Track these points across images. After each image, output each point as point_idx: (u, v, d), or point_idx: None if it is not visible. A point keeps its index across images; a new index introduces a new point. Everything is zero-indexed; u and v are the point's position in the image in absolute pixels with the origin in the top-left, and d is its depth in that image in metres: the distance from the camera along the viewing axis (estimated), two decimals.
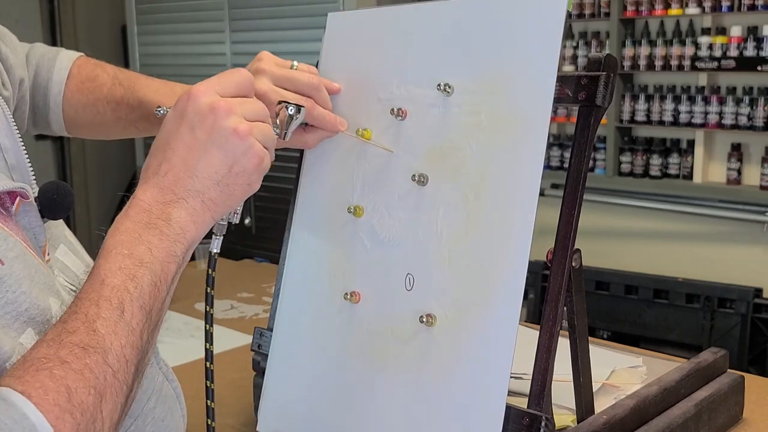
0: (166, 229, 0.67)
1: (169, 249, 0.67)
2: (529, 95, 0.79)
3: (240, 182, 0.71)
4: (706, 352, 1.06)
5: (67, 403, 0.55)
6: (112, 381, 0.59)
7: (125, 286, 0.63)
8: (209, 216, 0.70)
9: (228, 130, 0.69)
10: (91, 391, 0.57)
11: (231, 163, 0.70)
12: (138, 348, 0.62)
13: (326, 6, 3.10)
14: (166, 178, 0.69)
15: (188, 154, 0.69)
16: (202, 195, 0.69)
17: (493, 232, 0.79)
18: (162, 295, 0.66)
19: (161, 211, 0.68)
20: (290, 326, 0.95)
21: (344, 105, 0.94)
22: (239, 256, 2.24)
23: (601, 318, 3.07)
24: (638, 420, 0.89)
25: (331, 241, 0.93)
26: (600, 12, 3.27)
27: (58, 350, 0.57)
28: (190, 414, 1.13)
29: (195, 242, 0.70)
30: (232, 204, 0.72)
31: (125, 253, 0.64)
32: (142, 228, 0.66)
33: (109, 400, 0.58)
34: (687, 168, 3.19)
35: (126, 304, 0.62)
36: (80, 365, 0.57)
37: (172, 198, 0.68)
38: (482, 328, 0.78)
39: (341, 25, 0.98)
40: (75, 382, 0.56)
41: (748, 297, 2.82)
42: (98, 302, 0.61)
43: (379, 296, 0.87)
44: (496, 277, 0.78)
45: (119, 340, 0.60)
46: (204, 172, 0.69)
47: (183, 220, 0.68)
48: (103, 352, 0.59)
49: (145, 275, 0.64)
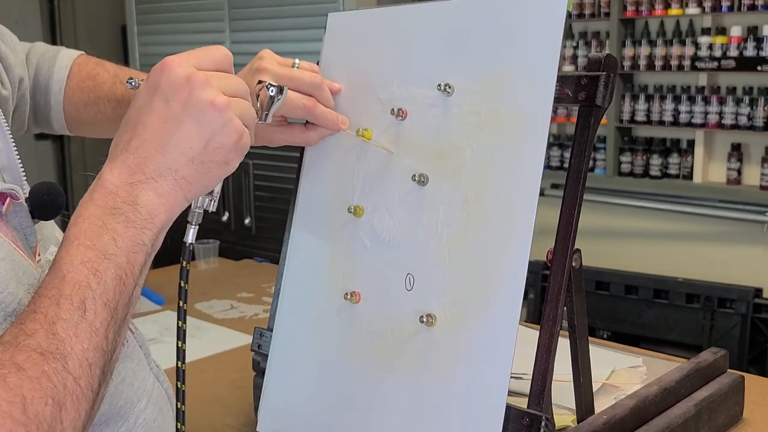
0: (132, 215, 0.62)
1: (136, 238, 0.62)
2: (529, 95, 0.79)
3: (216, 159, 0.66)
4: (706, 352, 1.06)
5: (21, 415, 0.52)
6: (74, 388, 0.56)
7: (87, 283, 0.59)
8: (182, 196, 0.65)
9: (205, 102, 0.64)
10: (49, 401, 0.54)
11: (207, 138, 0.65)
12: (103, 349, 0.59)
13: (326, 6, 3.11)
14: (136, 155, 0.64)
15: (161, 128, 0.64)
16: (174, 173, 0.64)
17: (493, 232, 0.79)
18: (128, 289, 0.62)
19: (128, 193, 0.63)
20: (290, 326, 0.95)
21: (344, 105, 0.94)
22: (239, 256, 2.24)
23: (601, 318, 3.07)
24: (638, 420, 0.89)
25: (332, 241, 0.93)
26: (600, 12, 3.27)
27: (14, 354, 0.54)
28: (190, 414, 1.13)
29: (165, 227, 0.65)
30: (207, 184, 0.67)
31: (88, 245, 0.60)
32: (106, 214, 0.62)
33: (70, 409, 0.55)
34: (687, 168, 3.19)
35: (88, 303, 0.58)
36: (37, 372, 0.54)
37: (140, 178, 0.63)
38: (482, 328, 0.78)
39: (341, 26, 0.98)
40: (31, 391, 0.53)
41: (748, 297, 2.82)
42: (59, 301, 0.58)
43: (379, 296, 0.87)
44: (496, 277, 0.78)
45: (81, 344, 0.57)
46: (177, 148, 0.64)
47: (151, 203, 0.63)
48: (62, 358, 0.55)
49: (109, 269, 0.60)
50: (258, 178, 3.46)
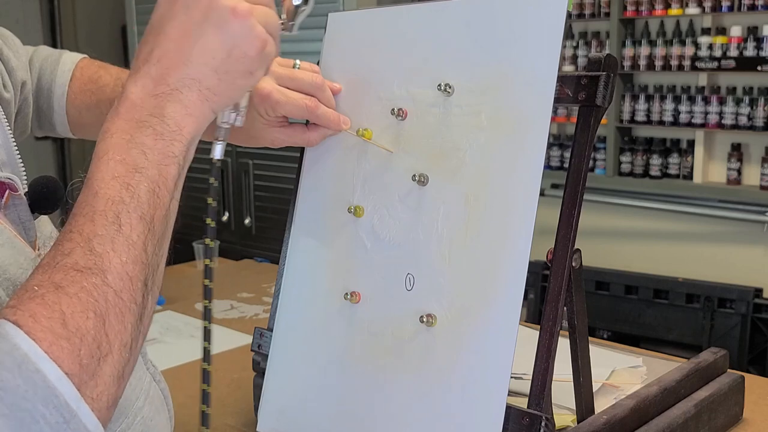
0: (159, 127, 0.61)
1: (166, 150, 0.61)
2: (529, 95, 0.79)
3: (241, 69, 0.64)
4: (706, 352, 1.06)
5: (62, 328, 0.52)
6: (116, 301, 0.55)
7: (120, 197, 0.58)
8: (208, 108, 0.64)
9: (226, 9, 0.62)
10: (90, 315, 0.53)
11: (230, 47, 0.63)
12: (143, 262, 0.58)
13: (326, 6, 3.11)
14: (159, 66, 0.62)
15: (182, 38, 0.62)
16: (198, 83, 0.63)
17: (494, 232, 0.79)
18: (164, 201, 0.60)
19: (154, 105, 0.61)
20: (290, 326, 0.96)
21: (345, 105, 0.94)
22: (239, 256, 2.24)
23: (601, 318, 3.07)
24: (638, 420, 0.89)
25: (332, 241, 0.93)
26: (600, 12, 3.27)
27: (52, 275, 0.54)
28: (190, 414, 1.13)
29: (195, 139, 0.64)
30: (233, 95, 0.66)
31: (117, 159, 0.59)
32: (133, 128, 0.60)
33: (114, 322, 0.54)
34: (687, 168, 3.19)
35: (123, 217, 0.57)
36: (76, 288, 0.53)
37: (165, 89, 0.62)
38: (482, 328, 0.78)
39: (341, 26, 0.98)
40: (70, 306, 0.53)
41: (748, 297, 2.82)
42: (93, 218, 0.57)
43: (380, 296, 0.87)
44: (496, 277, 0.78)
45: (119, 258, 0.56)
46: (200, 57, 0.62)
47: (178, 114, 0.62)
48: (101, 272, 0.55)
49: (141, 182, 0.59)
50: (258, 178, 3.46)
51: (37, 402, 0.49)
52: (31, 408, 0.49)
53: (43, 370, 0.50)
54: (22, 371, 0.49)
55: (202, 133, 0.65)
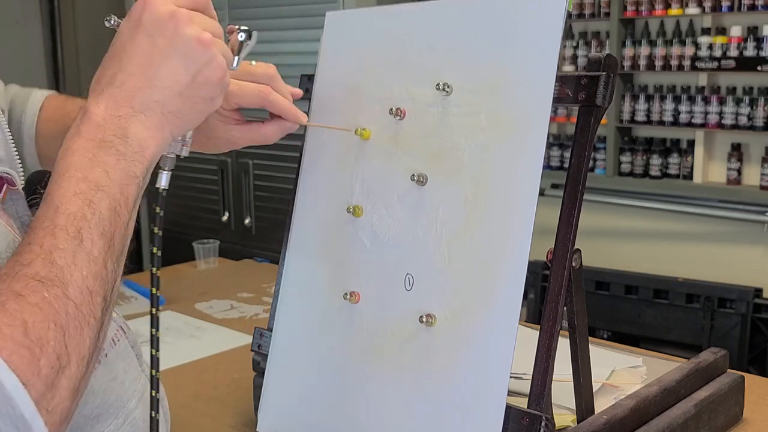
0: (122, 147, 0.62)
1: (128, 170, 0.62)
2: (529, 95, 0.79)
3: (203, 94, 0.67)
4: (706, 352, 1.06)
5: (23, 337, 0.51)
6: (76, 314, 0.55)
7: (82, 213, 0.58)
8: (169, 132, 0.66)
9: (191, 38, 0.65)
10: (51, 326, 0.52)
11: (194, 72, 0.66)
12: (102, 278, 0.58)
13: (326, 6, 3.10)
14: (123, 89, 0.64)
15: (147, 62, 0.64)
16: (162, 107, 0.64)
17: (493, 232, 0.79)
18: (123, 220, 0.61)
19: (117, 126, 0.62)
20: (290, 326, 0.95)
21: (343, 104, 0.94)
22: (239, 256, 2.24)
23: (601, 318, 3.07)
24: (638, 420, 0.89)
25: (331, 241, 0.93)
26: (600, 12, 3.27)
27: (12, 284, 0.53)
28: (190, 414, 1.13)
29: (153, 162, 0.66)
30: (193, 119, 0.68)
31: (79, 177, 0.59)
32: (96, 147, 0.61)
33: (74, 334, 0.54)
34: (687, 168, 3.19)
35: (84, 232, 0.57)
36: (37, 298, 0.53)
37: (128, 112, 0.63)
38: (482, 328, 0.78)
39: (340, 25, 0.98)
40: (32, 316, 0.52)
41: (748, 297, 2.82)
42: (53, 232, 0.57)
43: (379, 296, 0.87)
44: (496, 277, 0.78)
45: (80, 272, 0.56)
46: (165, 81, 0.64)
47: (141, 136, 0.63)
48: (62, 284, 0.54)
49: (102, 200, 0.59)
50: (258, 178, 3.46)
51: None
52: None
53: (1, 380, 0.49)
54: None
55: (158, 157, 0.66)
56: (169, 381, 0.86)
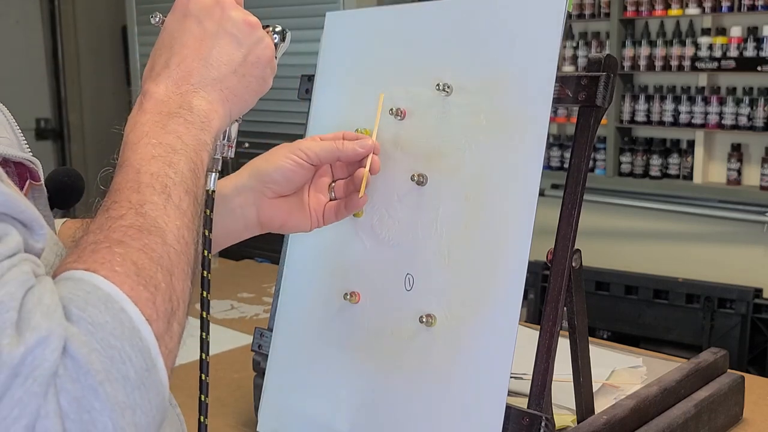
0: (189, 116, 0.62)
1: (198, 137, 0.62)
2: (528, 95, 0.79)
3: (255, 74, 0.69)
4: (706, 353, 1.06)
5: (137, 276, 0.49)
6: (177, 260, 0.53)
7: (165, 172, 0.57)
8: (227, 109, 0.67)
9: (239, 19, 0.68)
10: (159, 269, 0.51)
11: (246, 51, 0.68)
12: (193, 230, 0.57)
13: (326, 6, 3.10)
14: (179, 70, 0.65)
15: (199, 45, 0.66)
16: (219, 83, 0.66)
17: (493, 232, 0.79)
18: (201, 183, 0.61)
19: (181, 100, 0.63)
20: (290, 326, 0.95)
21: (343, 105, 0.94)
22: (239, 256, 2.24)
23: (601, 318, 3.07)
24: (638, 420, 0.89)
25: (331, 242, 0.93)
26: (600, 12, 3.27)
27: (109, 234, 0.51)
28: (190, 414, 1.13)
29: (219, 134, 0.66)
30: (248, 99, 0.69)
31: (154, 143, 0.59)
32: (164, 118, 0.61)
33: (179, 279, 0.53)
34: (687, 168, 3.19)
35: (171, 188, 0.56)
36: (139, 244, 0.51)
37: (188, 88, 0.64)
38: (482, 328, 0.78)
39: (340, 25, 0.98)
40: (140, 258, 0.50)
41: (748, 297, 2.82)
42: (139, 189, 0.55)
43: (379, 296, 0.87)
44: (496, 277, 0.78)
45: (174, 222, 0.55)
46: (219, 60, 0.66)
47: (205, 108, 0.64)
48: (160, 232, 0.53)
49: (181, 161, 0.59)
50: None
51: (125, 342, 0.47)
52: (120, 347, 0.46)
53: (128, 311, 0.48)
54: (109, 309, 0.47)
55: (221, 133, 0.67)
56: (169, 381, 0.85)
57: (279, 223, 0.87)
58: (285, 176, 0.84)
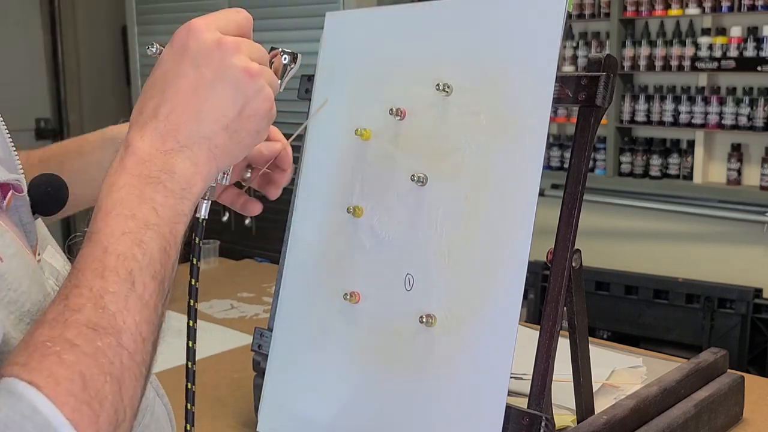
0: (170, 184, 0.59)
1: (176, 207, 0.59)
2: (528, 95, 0.79)
3: (249, 128, 0.64)
4: (706, 353, 1.06)
5: (82, 392, 0.48)
6: (130, 364, 0.52)
7: (132, 254, 0.55)
8: (214, 167, 0.63)
9: (238, 68, 0.62)
10: (108, 378, 0.50)
11: (242, 105, 0.63)
12: (153, 323, 0.55)
13: (326, 6, 3.10)
14: (167, 122, 0.60)
15: (193, 94, 0.61)
16: (208, 142, 0.61)
17: (493, 232, 0.79)
18: (172, 260, 0.59)
19: (163, 162, 0.59)
20: (290, 326, 0.95)
21: (343, 105, 0.94)
22: (239, 256, 2.24)
23: (601, 318, 3.07)
24: (638, 420, 0.89)
25: (331, 241, 0.93)
26: (600, 12, 3.27)
27: (63, 331, 0.50)
28: None
29: (199, 198, 0.63)
30: (238, 154, 0.65)
31: (127, 215, 0.56)
32: (143, 183, 0.58)
33: (129, 386, 0.51)
34: (687, 168, 3.19)
35: (136, 275, 0.54)
36: (92, 349, 0.50)
37: (174, 146, 0.60)
38: (482, 328, 0.78)
39: (340, 25, 0.98)
40: (89, 368, 0.49)
41: (748, 297, 2.82)
42: (103, 274, 0.53)
43: (379, 296, 0.87)
44: (496, 277, 0.78)
45: (133, 317, 0.53)
46: (211, 115, 0.61)
47: (188, 172, 0.60)
48: (115, 332, 0.51)
49: (153, 239, 0.56)
50: None
51: None
52: None
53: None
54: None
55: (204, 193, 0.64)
56: (169, 381, 0.86)
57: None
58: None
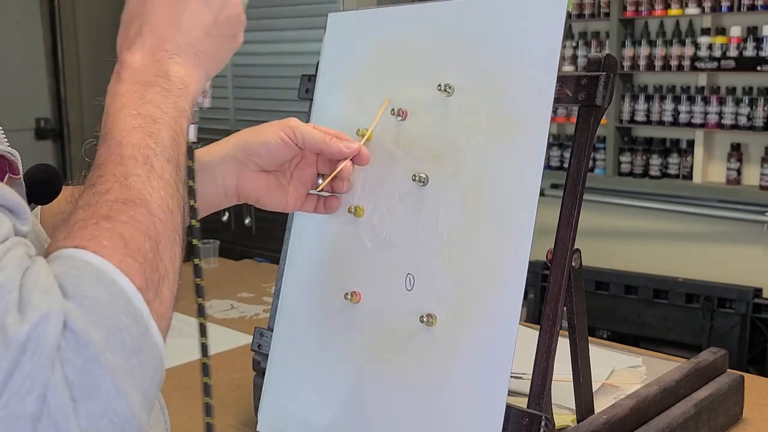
0: (167, 85, 0.63)
1: (177, 104, 0.63)
2: (529, 95, 0.79)
3: (226, 32, 0.70)
4: (706, 352, 1.06)
5: (124, 248, 0.51)
6: (163, 229, 0.55)
7: (146, 143, 0.58)
8: (203, 71, 0.68)
9: None
10: (146, 239, 0.53)
11: (215, 12, 0.69)
12: (177, 199, 0.59)
13: (326, 6, 3.10)
14: (152, 37, 0.65)
15: (170, 10, 0.67)
16: (194, 48, 0.67)
17: (494, 232, 0.79)
18: (183, 150, 0.62)
19: (157, 68, 0.64)
20: (290, 326, 0.96)
21: (344, 105, 0.94)
22: (239, 256, 2.24)
23: (601, 318, 3.07)
24: (638, 420, 0.89)
25: (332, 241, 0.93)
26: (600, 12, 3.27)
27: (96, 209, 0.53)
28: (189, 414, 1.13)
29: (195, 99, 0.68)
30: (222, 58, 0.71)
31: (134, 113, 0.60)
32: (142, 88, 0.62)
33: (167, 247, 0.55)
34: (687, 168, 3.19)
35: (153, 159, 0.58)
36: (126, 217, 0.53)
37: (163, 55, 0.65)
38: (482, 328, 0.78)
39: (341, 26, 0.98)
40: (127, 230, 0.52)
41: (748, 297, 2.82)
42: (122, 161, 0.57)
43: (380, 296, 0.87)
44: (496, 277, 0.78)
45: (158, 192, 0.57)
46: (190, 23, 0.67)
47: (182, 73, 0.65)
48: (145, 203, 0.55)
49: (161, 130, 0.60)
50: None
51: (119, 312, 0.49)
52: (115, 317, 0.49)
53: (119, 283, 0.50)
54: (101, 283, 0.49)
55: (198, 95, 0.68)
56: (169, 381, 0.85)
57: (255, 196, 0.89)
58: (269, 152, 0.87)
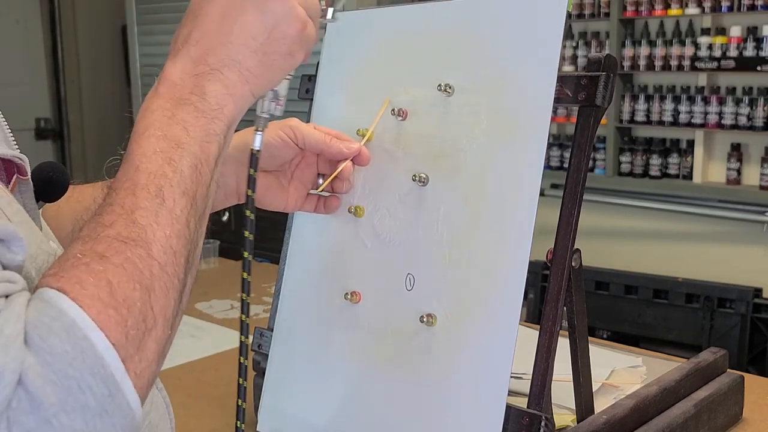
0: (201, 105, 0.61)
1: (207, 127, 0.60)
2: (529, 95, 0.79)
3: (280, 50, 0.65)
4: (706, 352, 1.06)
5: (109, 297, 0.49)
6: (160, 274, 0.53)
7: (163, 171, 0.56)
8: (248, 90, 0.64)
9: None
10: (137, 286, 0.51)
11: (270, 27, 0.64)
12: (185, 237, 0.56)
13: None
14: (198, 47, 0.62)
15: (222, 18, 0.63)
16: (239, 65, 0.63)
17: (494, 232, 0.79)
18: (205, 179, 0.60)
19: (194, 84, 0.61)
20: (290, 326, 0.96)
21: (344, 105, 0.94)
22: (239, 256, 2.24)
23: (601, 318, 3.07)
24: (638, 420, 0.89)
25: (332, 241, 0.93)
26: (600, 12, 3.27)
27: (94, 245, 0.51)
28: (189, 414, 1.13)
29: (235, 120, 0.64)
30: (272, 77, 0.66)
31: (159, 135, 0.58)
32: (174, 105, 0.60)
33: (159, 296, 0.53)
34: (687, 168, 3.19)
35: (166, 191, 0.56)
36: (121, 259, 0.51)
37: (204, 69, 0.62)
38: (482, 328, 0.78)
39: (341, 26, 0.98)
40: (116, 276, 0.50)
41: (748, 297, 2.82)
42: (134, 191, 0.55)
43: (380, 296, 0.87)
44: (496, 277, 0.78)
45: (163, 231, 0.54)
46: (240, 38, 0.63)
47: (219, 94, 0.62)
48: (145, 244, 0.53)
49: (183, 157, 0.58)
50: None
51: (85, 371, 0.47)
52: (78, 376, 0.47)
53: (91, 338, 0.47)
54: (70, 337, 0.47)
55: (241, 116, 0.65)
56: (169, 381, 0.86)
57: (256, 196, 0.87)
58: (269, 152, 0.84)
